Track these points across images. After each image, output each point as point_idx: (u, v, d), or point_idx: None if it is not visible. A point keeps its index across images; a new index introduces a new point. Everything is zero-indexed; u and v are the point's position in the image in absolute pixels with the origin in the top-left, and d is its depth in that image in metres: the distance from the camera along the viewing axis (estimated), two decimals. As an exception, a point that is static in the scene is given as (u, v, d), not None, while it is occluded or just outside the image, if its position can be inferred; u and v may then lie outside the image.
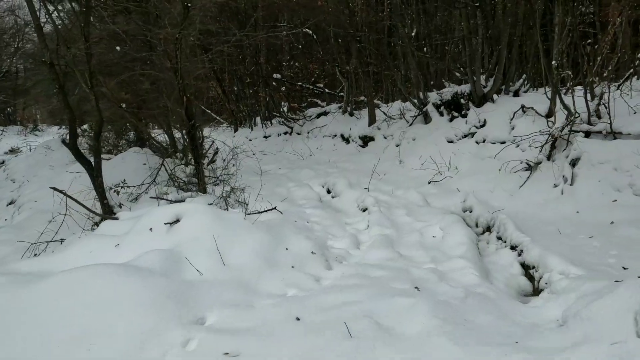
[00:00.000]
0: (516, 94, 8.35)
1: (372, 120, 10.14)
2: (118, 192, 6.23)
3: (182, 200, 5.02)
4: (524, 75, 8.49)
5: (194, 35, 6.10)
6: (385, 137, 9.46)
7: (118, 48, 5.71)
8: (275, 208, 4.57)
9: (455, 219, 4.66)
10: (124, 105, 6.41)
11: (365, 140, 9.99)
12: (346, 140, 10.75)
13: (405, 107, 10.05)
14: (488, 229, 4.91)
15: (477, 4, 7.21)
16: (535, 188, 5.52)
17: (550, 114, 6.52)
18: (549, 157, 5.76)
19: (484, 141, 7.18)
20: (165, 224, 3.74)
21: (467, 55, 7.64)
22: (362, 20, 9.80)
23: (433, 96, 8.60)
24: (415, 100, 9.05)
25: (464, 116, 7.97)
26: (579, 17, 8.93)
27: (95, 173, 5.32)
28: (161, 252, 3.25)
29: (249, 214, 4.16)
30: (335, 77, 12.22)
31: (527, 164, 5.91)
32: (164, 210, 3.94)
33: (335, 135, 11.19)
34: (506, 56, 7.60)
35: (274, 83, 14.02)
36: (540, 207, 5.10)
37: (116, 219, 4.56)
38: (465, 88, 8.07)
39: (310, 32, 13.39)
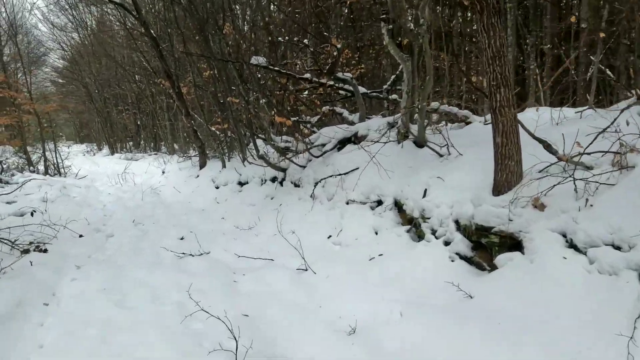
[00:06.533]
0: None
1: (504, 173, 2.97)
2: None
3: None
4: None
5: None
6: (574, 248, 2.31)
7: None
8: None
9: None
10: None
11: (479, 243, 2.85)
12: (409, 222, 3.65)
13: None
14: None
15: None
16: None
17: None
18: None
19: None
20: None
21: None
22: None
23: None
24: None
25: None
26: None
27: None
28: None
29: None
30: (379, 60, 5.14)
31: None
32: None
33: (380, 203, 4.14)
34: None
35: (259, 75, 7.16)
36: None
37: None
38: None
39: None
